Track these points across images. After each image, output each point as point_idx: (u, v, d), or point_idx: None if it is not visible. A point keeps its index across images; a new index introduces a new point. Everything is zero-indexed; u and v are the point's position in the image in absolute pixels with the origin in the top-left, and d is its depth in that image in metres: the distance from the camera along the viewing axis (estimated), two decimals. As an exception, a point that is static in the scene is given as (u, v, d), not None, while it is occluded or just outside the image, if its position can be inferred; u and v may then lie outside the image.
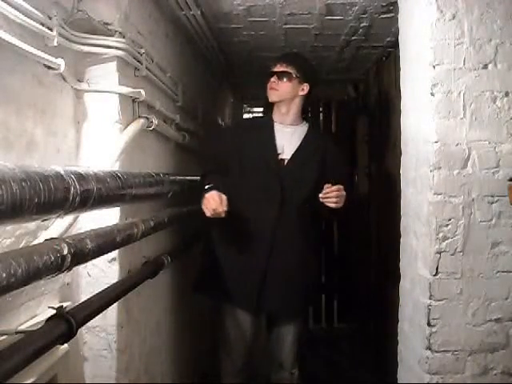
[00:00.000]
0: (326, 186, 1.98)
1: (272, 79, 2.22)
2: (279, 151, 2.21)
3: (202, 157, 2.93)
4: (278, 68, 2.23)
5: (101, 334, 1.75)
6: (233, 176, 2.18)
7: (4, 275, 0.91)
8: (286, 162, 2.21)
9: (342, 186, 2.00)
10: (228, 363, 2.28)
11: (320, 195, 1.98)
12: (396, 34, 2.15)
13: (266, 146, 2.22)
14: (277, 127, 2.26)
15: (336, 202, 1.97)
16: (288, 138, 2.24)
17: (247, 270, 2.14)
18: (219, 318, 2.29)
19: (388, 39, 2.98)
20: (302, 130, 2.28)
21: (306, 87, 2.23)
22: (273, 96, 2.24)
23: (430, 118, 1.70)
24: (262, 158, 2.19)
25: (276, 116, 2.28)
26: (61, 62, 1.46)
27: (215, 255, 2.21)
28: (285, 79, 2.20)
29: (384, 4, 2.37)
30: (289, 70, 2.20)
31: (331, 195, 1.97)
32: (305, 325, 2.44)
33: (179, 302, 2.71)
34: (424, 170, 1.75)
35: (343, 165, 2.50)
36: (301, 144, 2.24)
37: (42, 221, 1.26)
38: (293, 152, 2.21)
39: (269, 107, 2.35)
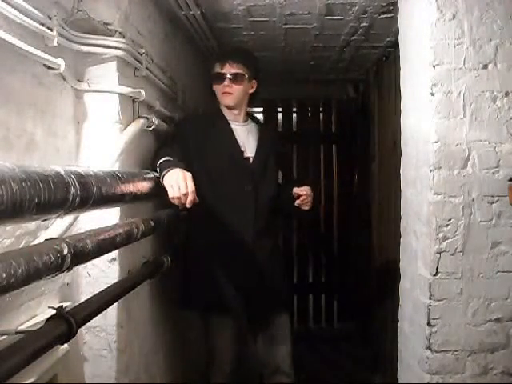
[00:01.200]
0: (296, 190, 2.11)
1: (225, 83, 2.13)
2: (242, 149, 2.17)
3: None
4: (229, 69, 2.14)
5: (101, 334, 1.75)
6: (197, 177, 1.92)
7: (4, 275, 0.91)
8: (251, 160, 2.18)
9: (308, 187, 2.12)
10: (217, 374, 2.20)
11: (297, 202, 2.10)
12: (396, 34, 2.15)
13: (229, 144, 2.16)
14: (233, 126, 2.20)
15: (311, 203, 2.12)
16: (246, 136, 2.22)
17: (231, 275, 2.09)
18: (206, 330, 2.23)
19: (388, 39, 2.98)
20: (252, 126, 2.27)
21: (254, 84, 2.22)
22: (228, 101, 2.17)
23: (430, 118, 1.70)
24: (228, 157, 2.13)
25: (228, 114, 2.22)
26: (61, 62, 1.46)
27: (195, 265, 2.16)
28: (238, 81, 2.14)
29: (384, 4, 2.37)
30: (240, 70, 2.14)
31: (307, 199, 2.10)
32: (291, 326, 2.39)
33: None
34: (424, 170, 1.75)
35: (283, 152, 2.56)
36: (259, 141, 2.23)
37: (42, 221, 1.26)
38: (255, 150, 2.19)
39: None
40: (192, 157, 2.05)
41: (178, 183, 1.70)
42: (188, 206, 1.71)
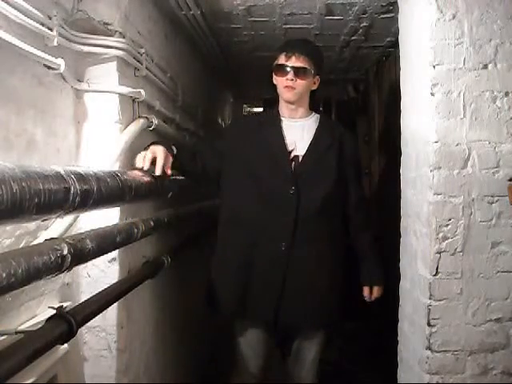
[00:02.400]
0: (365, 293, 2.21)
1: (289, 76, 1.95)
2: (291, 148, 1.98)
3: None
4: (296, 62, 1.95)
5: (101, 334, 1.75)
6: (233, 182, 1.99)
7: (4, 275, 0.91)
8: (300, 158, 1.98)
9: (379, 291, 2.18)
10: (240, 378, 2.12)
11: (366, 297, 2.20)
12: (396, 34, 2.15)
13: (274, 143, 2.00)
14: (285, 122, 2.04)
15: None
16: (299, 133, 2.02)
17: (262, 283, 1.94)
18: (232, 334, 2.11)
19: (388, 39, 2.98)
20: (312, 121, 2.07)
21: (317, 80, 2.05)
22: (290, 96, 1.99)
23: (430, 118, 1.70)
24: (270, 157, 1.97)
25: (283, 111, 2.06)
26: (61, 62, 1.46)
27: (224, 267, 2.03)
28: (303, 76, 1.96)
29: (384, 4, 2.37)
30: (307, 65, 1.96)
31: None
32: (326, 341, 2.18)
33: (177, 302, 2.71)
34: (424, 170, 1.75)
35: (358, 166, 2.19)
36: (315, 137, 2.02)
37: (42, 221, 1.26)
38: (307, 147, 1.99)
39: (271, 102, 2.17)
40: (234, 158, 2.00)
41: (146, 152, 1.72)
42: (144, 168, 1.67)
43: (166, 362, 2.47)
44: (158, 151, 1.73)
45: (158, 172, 1.70)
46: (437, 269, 1.70)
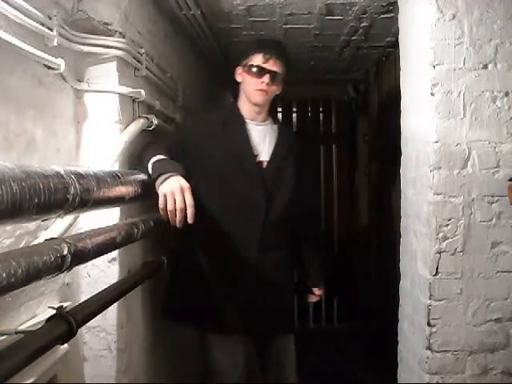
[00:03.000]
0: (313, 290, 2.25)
1: (265, 80, 1.88)
2: (256, 152, 1.93)
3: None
4: (273, 66, 1.89)
5: (101, 334, 1.75)
6: (200, 183, 1.80)
7: (4, 275, 0.91)
8: (264, 164, 1.94)
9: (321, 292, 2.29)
10: None
11: (310, 298, 2.30)
12: (396, 34, 2.15)
13: (241, 145, 1.92)
14: (249, 125, 1.96)
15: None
16: (262, 137, 1.96)
17: (234, 290, 1.88)
18: (201, 348, 1.96)
19: (388, 39, 2.98)
20: (272, 127, 2.02)
21: (281, 86, 1.98)
22: (261, 99, 1.92)
23: (430, 118, 1.70)
24: (239, 161, 1.89)
25: (246, 112, 1.97)
26: (61, 62, 1.46)
27: (188, 276, 1.93)
28: (277, 81, 1.92)
29: (384, 4, 2.37)
30: (282, 71, 1.91)
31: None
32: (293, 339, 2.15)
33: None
34: (424, 170, 1.75)
35: (313, 177, 2.22)
36: (276, 144, 1.98)
37: (42, 221, 1.26)
38: (270, 153, 1.95)
39: (235, 95, 2.03)
40: (194, 159, 1.86)
41: (174, 194, 1.50)
42: (178, 224, 1.51)
43: (166, 361, 2.47)
44: (187, 190, 1.52)
45: (190, 220, 1.51)
46: (437, 269, 1.70)
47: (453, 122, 1.69)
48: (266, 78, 1.89)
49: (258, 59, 1.90)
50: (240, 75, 1.97)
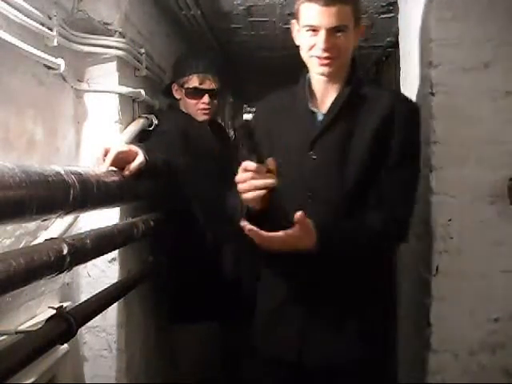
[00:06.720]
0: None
1: (205, 100, 1.97)
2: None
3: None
4: (210, 85, 1.99)
5: (101, 334, 1.75)
6: None
7: (4, 275, 0.91)
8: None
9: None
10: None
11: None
12: (396, 34, 2.15)
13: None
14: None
15: None
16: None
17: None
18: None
19: (388, 39, 2.98)
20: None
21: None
22: (206, 117, 2.02)
23: (430, 117, 1.70)
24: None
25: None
26: (61, 62, 1.46)
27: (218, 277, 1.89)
28: (215, 97, 2.03)
29: (384, 4, 2.37)
30: (218, 86, 2.02)
31: None
32: None
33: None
34: (424, 170, 1.75)
35: None
36: None
37: (42, 221, 1.26)
38: None
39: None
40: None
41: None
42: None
43: (165, 361, 2.47)
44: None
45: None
46: (437, 269, 1.70)
47: (453, 121, 1.69)
48: (206, 98, 1.98)
49: (193, 81, 1.98)
50: (177, 93, 2.04)
